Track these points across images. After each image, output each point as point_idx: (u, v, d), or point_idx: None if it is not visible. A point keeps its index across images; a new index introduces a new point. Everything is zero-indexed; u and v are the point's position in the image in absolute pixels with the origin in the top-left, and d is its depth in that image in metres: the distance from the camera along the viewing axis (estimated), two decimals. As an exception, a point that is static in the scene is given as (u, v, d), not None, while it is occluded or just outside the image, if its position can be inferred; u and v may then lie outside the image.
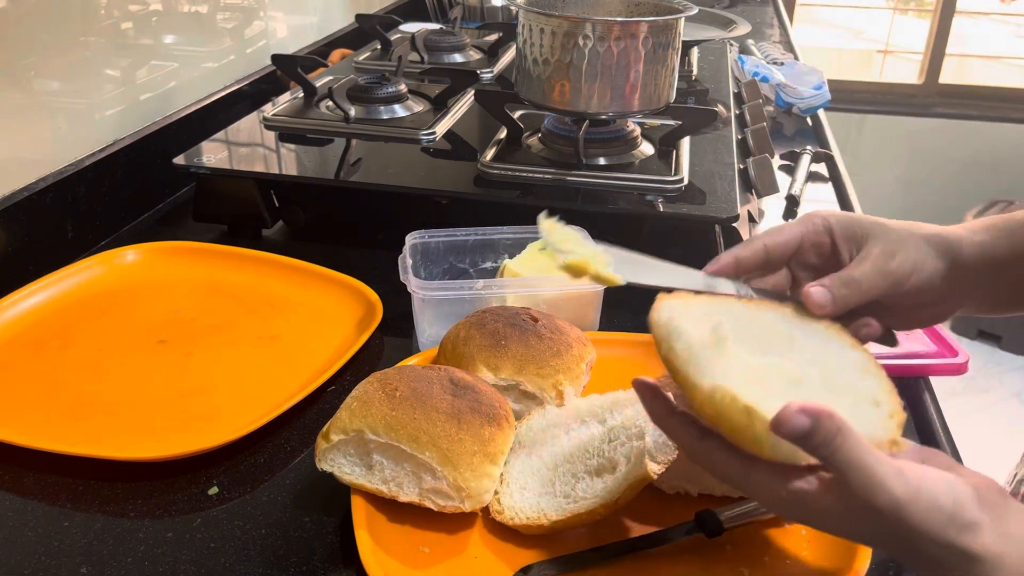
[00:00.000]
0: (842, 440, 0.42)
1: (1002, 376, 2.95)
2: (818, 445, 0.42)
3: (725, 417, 0.45)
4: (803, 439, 0.43)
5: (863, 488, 0.42)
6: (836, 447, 0.42)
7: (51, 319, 0.81)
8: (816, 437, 0.42)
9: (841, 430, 0.42)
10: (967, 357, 0.75)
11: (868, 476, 0.42)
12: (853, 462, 0.42)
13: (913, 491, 0.42)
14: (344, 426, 0.58)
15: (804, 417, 0.42)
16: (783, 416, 0.43)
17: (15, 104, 0.91)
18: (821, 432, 0.42)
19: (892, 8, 4.17)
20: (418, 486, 0.57)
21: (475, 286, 0.77)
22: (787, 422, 0.43)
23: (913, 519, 0.42)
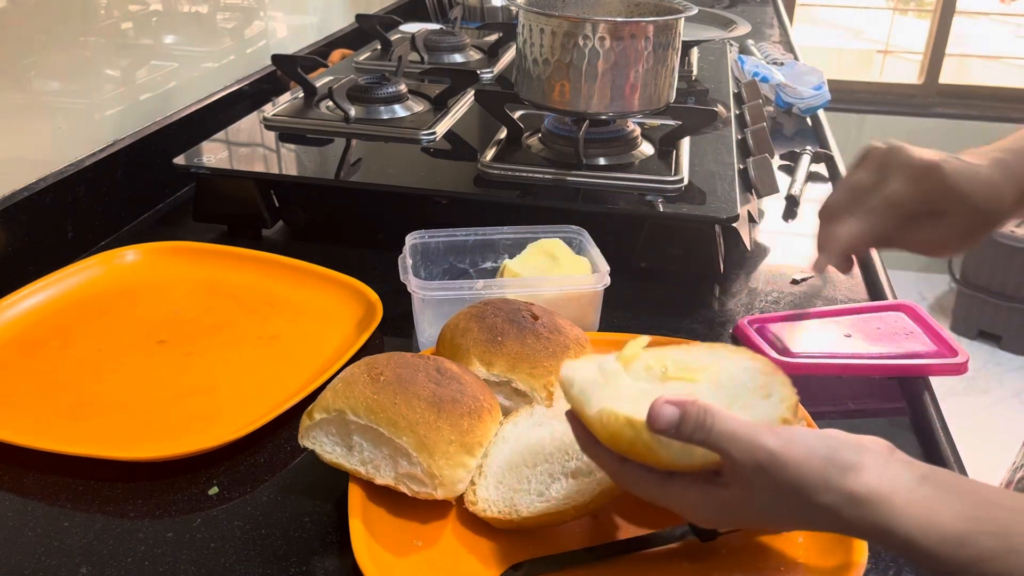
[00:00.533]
0: (712, 420, 0.46)
1: (1002, 376, 2.95)
2: (693, 431, 0.46)
3: (617, 436, 0.49)
4: (678, 429, 0.46)
5: (743, 454, 0.45)
6: (708, 428, 0.46)
7: (51, 319, 0.81)
8: (687, 424, 0.46)
9: (708, 411, 0.46)
10: (967, 357, 0.75)
11: (743, 441, 0.45)
12: (726, 434, 0.45)
13: (785, 440, 0.45)
14: (327, 405, 0.59)
15: (671, 407, 0.46)
16: (653, 412, 0.47)
17: (15, 104, 0.91)
18: (690, 418, 0.46)
19: (892, 8, 4.17)
20: (394, 470, 0.58)
21: (475, 286, 0.77)
22: (657, 416, 0.47)
23: (791, 467, 0.44)
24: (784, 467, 0.44)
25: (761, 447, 0.45)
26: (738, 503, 0.47)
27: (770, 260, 0.99)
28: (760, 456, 0.45)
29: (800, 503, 0.45)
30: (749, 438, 0.45)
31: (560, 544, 0.57)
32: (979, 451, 1.29)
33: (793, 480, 0.44)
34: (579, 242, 0.84)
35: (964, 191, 0.60)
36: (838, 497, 0.44)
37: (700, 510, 0.49)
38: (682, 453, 0.48)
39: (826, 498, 0.44)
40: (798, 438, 0.45)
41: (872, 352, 0.77)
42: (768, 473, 0.45)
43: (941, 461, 0.67)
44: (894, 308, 0.84)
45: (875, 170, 0.62)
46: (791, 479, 0.44)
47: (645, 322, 0.86)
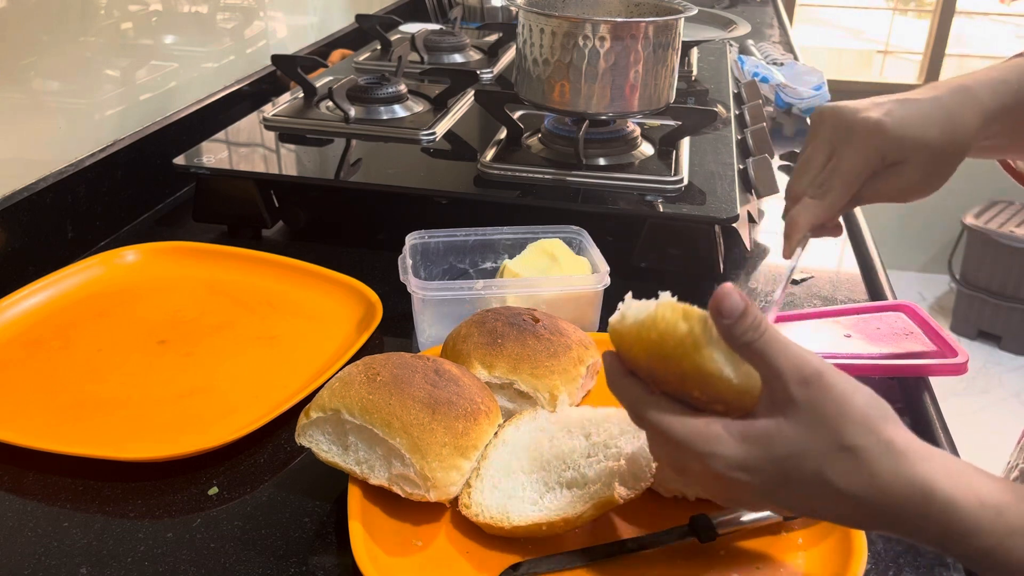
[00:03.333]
0: (765, 327, 0.44)
1: (1002, 376, 2.95)
2: (748, 328, 0.44)
3: (668, 332, 0.46)
4: (736, 322, 0.44)
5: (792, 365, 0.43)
6: (763, 331, 0.44)
7: (51, 319, 0.81)
8: (747, 319, 0.44)
9: (763, 320, 0.44)
10: (967, 357, 0.75)
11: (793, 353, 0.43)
12: (780, 343, 0.44)
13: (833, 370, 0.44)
14: (323, 404, 0.59)
15: (738, 297, 0.44)
16: (719, 295, 0.44)
17: (15, 104, 0.91)
18: (751, 314, 0.44)
19: (892, 8, 4.17)
20: (388, 471, 0.58)
21: (475, 286, 0.77)
22: (724, 298, 0.44)
23: (836, 390, 0.43)
24: (830, 388, 0.42)
25: (810, 363, 0.43)
26: (763, 439, 0.43)
27: (770, 260, 0.99)
28: (808, 371, 0.43)
29: (831, 439, 0.42)
30: (799, 353, 0.43)
31: (559, 544, 0.57)
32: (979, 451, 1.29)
33: (834, 406, 0.42)
34: (579, 242, 0.84)
35: (915, 138, 0.60)
36: (876, 441, 0.42)
37: (718, 448, 0.44)
38: (727, 361, 0.45)
39: (862, 439, 0.42)
40: (844, 376, 0.44)
41: (872, 352, 0.77)
42: (811, 389, 0.42)
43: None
44: (894, 308, 0.84)
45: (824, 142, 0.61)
46: (831, 404, 0.42)
47: (645, 322, 0.85)
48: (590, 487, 0.56)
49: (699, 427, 0.45)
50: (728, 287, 0.45)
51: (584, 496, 0.56)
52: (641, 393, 0.48)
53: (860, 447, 0.42)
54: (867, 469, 0.42)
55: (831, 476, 0.43)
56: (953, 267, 3.18)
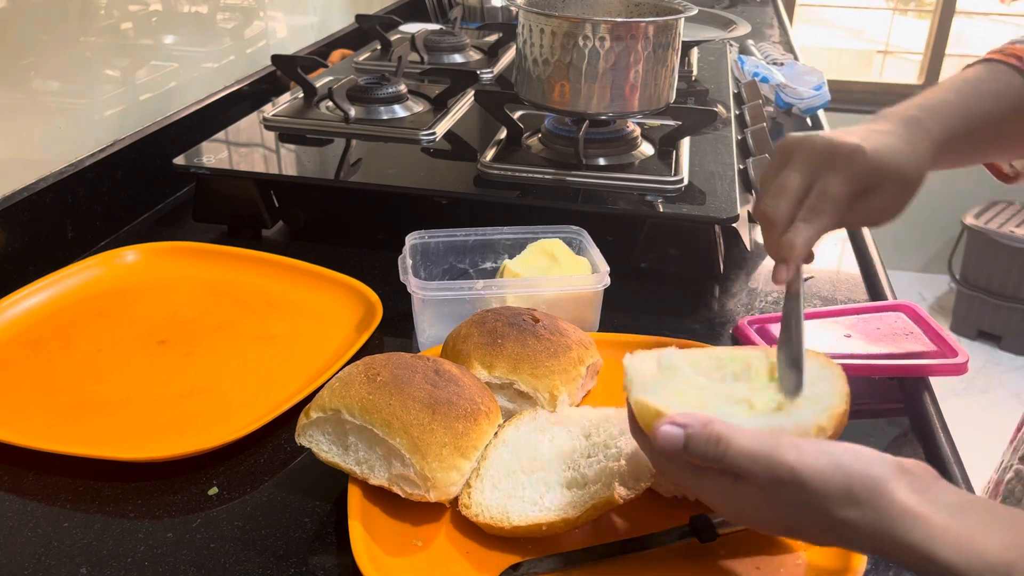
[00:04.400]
0: (726, 444, 0.45)
1: (1002, 376, 2.95)
2: (703, 454, 0.46)
3: (647, 426, 0.50)
4: (685, 450, 0.46)
5: (763, 470, 0.44)
6: (722, 451, 0.45)
7: (51, 319, 0.81)
8: (695, 447, 0.46)
9: (722, 436, 0.45)
10: (967, 357, 0.75)
11: (761, 458, 0.44)
12: (742, 453, 0.45)
13: (807, 455, 0.44)
14: (323, 404, 0.59)
15: (675, 430, 0.46)
16: (655, 432, 0.47)
17: (15, 104, 0.91)
18: (698, 442, 0.46)
19: (892, 8, 4.17)
20: (388, 471, 0.58)
21: (475, 286, 0.77)
22: (657, 436, 0.47)
23: (813, 482, 0.43)
24: (805, 483, 0.43)
25: (780, 463, 0.44)
26: (764, 506, 0.46)
27: (770, 260, 0.99)
28: (781, 472, 0.44)
29: (824, 517, 0.44)
30: (768, 455, 0.44)
31: (559, 544, 0.57)
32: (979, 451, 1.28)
33: (815, 494, 0.43)
34: (579, 242, 0.84)
35: (891, 165, 0.61)
36: (866, 512, 0.42)
37: (728, 504, 0.48)
38: None
39: (850, 513, 0.43)
40: (822, 451, 0.44)
41: (872, 352, 0.77)
42: (788, 488, 0.44)
43: (941, 461, 0.67)
44: (894, 308, 0.84)
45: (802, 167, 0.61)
46: (813, 493, 0.43)
47: (645, 322, 0.86)
48: (590, 487, 0.56)
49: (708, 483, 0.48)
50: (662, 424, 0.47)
51: (584, 496, 0.56)
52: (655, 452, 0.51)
53: (850, 519, 0.43)
54: (865, 536, 0.43)
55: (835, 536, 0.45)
56: (953, 267, 3.18)
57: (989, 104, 0.66)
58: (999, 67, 0.68)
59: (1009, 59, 0.68)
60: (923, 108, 0.65)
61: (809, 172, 0.61)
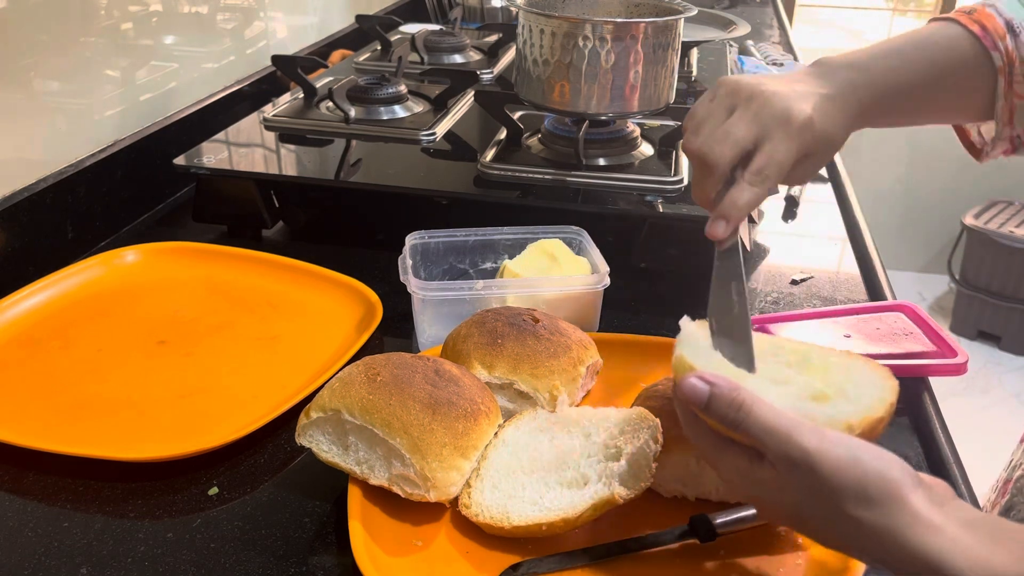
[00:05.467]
0: (747, 412, 0.45)
1: (1002, 376, 2.95)
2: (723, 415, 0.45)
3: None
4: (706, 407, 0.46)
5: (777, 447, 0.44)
6: (744, 416, 0.45)
7: (51, 319, 0.81)
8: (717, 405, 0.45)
9: (745, 403, 0.45)
10: (967, 357, 0.75)
11: (779, 434, 0.44)
12: (761, 424, 0.44)
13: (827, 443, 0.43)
14: (324, 404, 0.59)
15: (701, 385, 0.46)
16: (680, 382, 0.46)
17: (15, 104, 0.91)
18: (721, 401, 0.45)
19: (892, 9, 4.17)
20: (388, 471, 0.58)
21: (475, 286, 0.77)
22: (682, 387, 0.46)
23: (824, 469, 0.42)
24: (817, 470, 0.42)
25: (796, 444, 0.43)
26: (775, 488, 0.45)
27: (770, 260, 0.99)
28: (794, 453, 0.43)
29: (833, 510, 0.43)
30: (786, 433, 0.43)
31: (559, 544, 0.57)
32: (979, 451, 1.29)
33: (827, 484, 0.42)
34: (579, 242, 0.85)
35: (830, 136, 0.62)
36: (879, 515, 0.41)
37: (743, 481, 0.47)
38: None
39: (861, 512, 0.42)
40: (841, 443, 0.43)
41: (872, 352, 0.77)
42: (799, 471, 0.43)
43: (941, 461, 0.67)
44: (894, 308, 0.84)
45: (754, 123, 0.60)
46: (825, 482, 0.42)
47: (645, 322, 0.86)
48: (590, 487, 0.56)
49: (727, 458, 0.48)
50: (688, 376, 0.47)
51: (584, 496, 0.56)
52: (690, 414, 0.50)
53: (858, 520, 0.42)
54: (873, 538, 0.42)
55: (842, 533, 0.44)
56: (953, 267, 3.18)
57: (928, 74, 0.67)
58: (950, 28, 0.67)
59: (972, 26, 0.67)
60: (863, 70, 0.65)
61: (759, 128, 0.60)
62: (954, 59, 0.67)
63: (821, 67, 0.66)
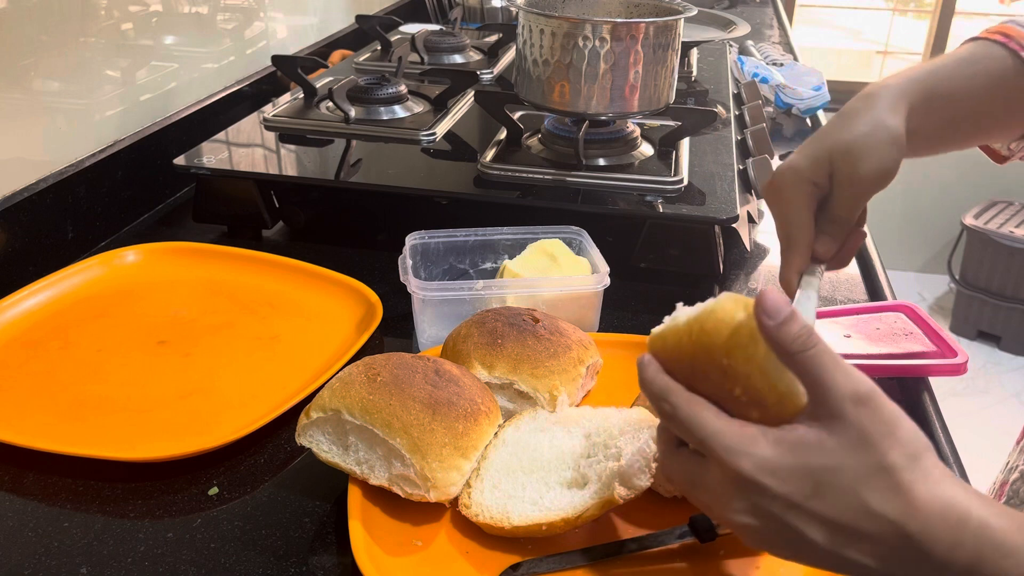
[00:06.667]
0: (817, 339, 0.43)
1: (1002, 376, 2.95)
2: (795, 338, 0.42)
3: (725, 322, 0.45)
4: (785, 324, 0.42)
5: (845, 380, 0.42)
6: (814, 343, 0.43)
7: (51, 320, 0.81)
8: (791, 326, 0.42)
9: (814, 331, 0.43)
10: (967, 357, 0.75)
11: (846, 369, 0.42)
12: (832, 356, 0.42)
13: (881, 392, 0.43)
14: (324, 404, 0.59)
15: (781, 298, 0.43)
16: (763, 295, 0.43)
17: (15, 104, 0.91)
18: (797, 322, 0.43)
19: (891, 9, 4.17)
20: (388, 471, 0.58)
21: (475, 286, 0.77)
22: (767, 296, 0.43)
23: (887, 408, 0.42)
24: (881, 408, 0.42)
25: (864, 382, 0.42)
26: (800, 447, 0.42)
27: (770, 260, 0.99)
28: (863, 390, 0.42)
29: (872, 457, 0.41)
30: (853, 370, 0.43)
31: (559, 544, 0.57)
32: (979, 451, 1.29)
33: (884, 427, 0.41)
34: (579, 243, 0.85)
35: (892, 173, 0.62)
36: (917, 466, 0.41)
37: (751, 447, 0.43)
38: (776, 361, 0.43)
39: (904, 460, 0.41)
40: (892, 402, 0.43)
41: (872, 352, 0.77)
42: (864, 407, 0.41)
43: (941, 461, 0.67)
44: (894, 308, 0.84)
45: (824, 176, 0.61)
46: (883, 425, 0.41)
47: (645, 322, 0.86)
48: (590, 487, 0.56)
49: (734, 425, 0.44)
50: (771, 288, 0.44)
51: (584, 496, 0.56)
52: (677, 386, 0.47)
53: (900, 467, 0.41)
54: (905, 488, 0.41)
55: (867, 494, 0.41)
56: (953, 267, 3.18)
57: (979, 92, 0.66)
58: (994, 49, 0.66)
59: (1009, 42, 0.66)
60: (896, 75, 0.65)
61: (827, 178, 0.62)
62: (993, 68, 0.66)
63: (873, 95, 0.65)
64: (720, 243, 0.92)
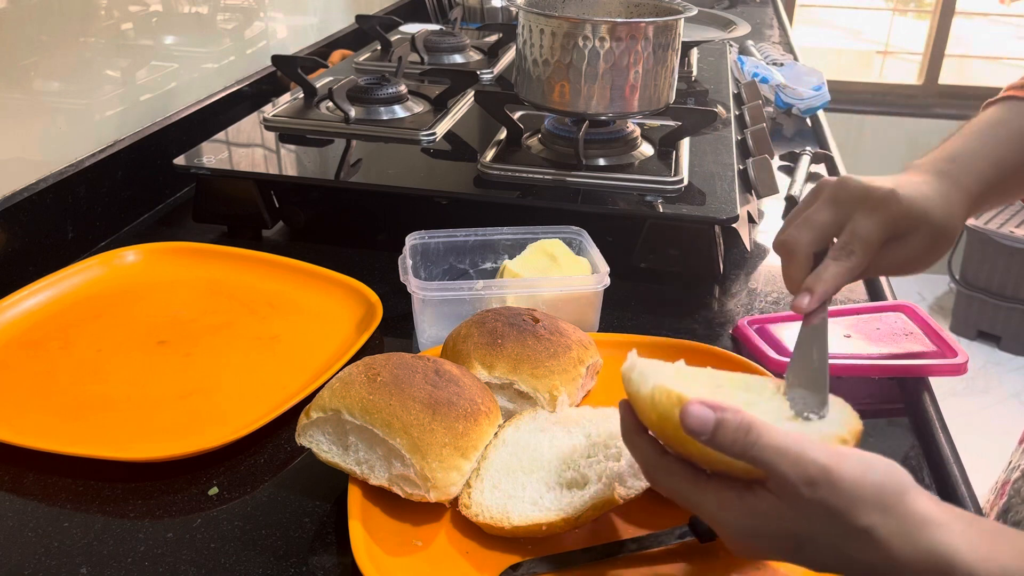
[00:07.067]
0: (756, 435, 0.43)
1: (1002, 376, 2.95)
2: (731, 443, 0.43)
3: (665, 417, 0.46)
4: (712, 436, 0.43)
5: (793, 467, 0.42)
6: (752, 441, 0.43)
7: (51, 320, 0.81)
8: (724, 433, 0.43)
9: (753, 425, 0.43)
10: (967, 357, 0.75)
11: (791, 455, 0.42)
12: (771, 448, 0.42)
13: (839, 456, 0.42)
14: (324, 404, 0.59)
15: (706, 410, 0.43)
16: (684, 411, 0.43)
17: (15, 104, 0.91)
18: (728, 428, 0.43)
19: (891, 9, 4.17)
20: (388, 471, 0.58)
21: (475, 286, 0.77)
22: (688, 416, 0.43)
23: (845, 483, 0.41)
24: (837, 483, 0.41)
25: (812, 461, 0.42)
26: (773, 516, 0.44)
27: (770, 261, 0.99)
28: (812, 471, 0.42)
29: (844, 525, 0.42)
30: (799, 452, 0.42)
31: (559, 544, 0.57)
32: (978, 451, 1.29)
33: (845, 497, 0.41)
34: (579, 243, 0.85)
35: (923, 211, 0.61)
36: (891, 518, 0.41)
37: (730, 516, 0.45)
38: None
39: (876, 518, 0.41)
40: (853, 455, 0.43)
41: (872, 352, 0.77)
42: (818, 489, 0.42)
43: (941, 461, 0.67)
44: (894, 308, 0.84)
45: (832, 206, 0.61)
46: (843, 496, 0.41)
47: (645, 322, 0.86)
48: (590, 487, 0.56)
49: (709, 494, 0.46)
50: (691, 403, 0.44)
51: (584, 496, 0.56)
52: (653, 455, 0.49)
53: (874, 526, 0.41)
54: (883, 546, 0.42)
55: (848, 551, 0.43)
56: (953, 267, 3.18)
57: (1017, 146, 0.66)
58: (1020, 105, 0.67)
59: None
60: (951, 160, 0.65)
61: (840, 211, 0.61)
62: None
63: (908, 166, 0.66)
64: (720, 243, 0.92)
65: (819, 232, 0.61)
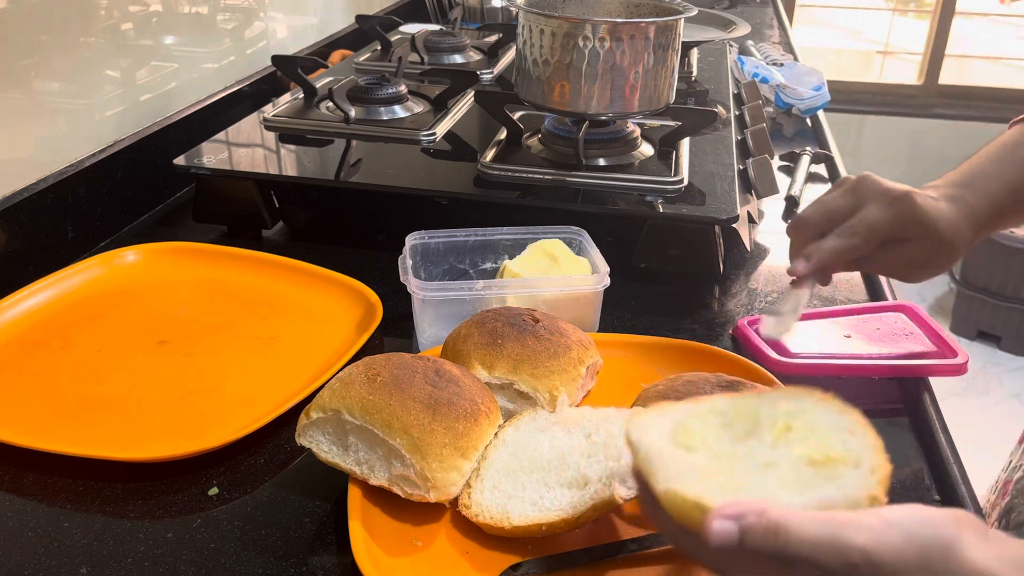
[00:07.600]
0: (786, 533, 0.40)
1: (1002, 376, 2.95)
2: (763, 547, 0.41)
3: (685, 517, 0.44)
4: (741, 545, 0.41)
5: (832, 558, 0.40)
6: (783, 543, 0.40)
7: (51, 320, 0.81)
8: (753, 539, 0.41)
9: (779, 525, 0.40)
10: (967, 358, 0.75)
11: (827, 545, 0.40)
12: (806, 543, 0.40)
13: (877, 533, 0.40)
14: (324, 404, 0.59)
15: (728, 524, 0.41)
16: (709, 530, 0.41)
17: (15, 104, 0.91)
18: (756, 534, 0.41)
19: (891, 9, 4.17)
20: (388, 471, 0.58)
21: (475, 286, 0.77)
22: (715, 534, 0.41)
23: (887, 562, 0.40)
24: (880, 563, 0.40)
25: (851, 547, 0.40)
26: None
27: (770, 261, 0.99)
28: (852, 557, 0.40)
29: None
30: (834, 539, 0.40)
31: (559, 544, 0.57)
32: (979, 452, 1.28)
33: (890, 571, 0.40)
34: (579, 243, 0.85)
35: (932, 219, 0.64)
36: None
37: None
38: None
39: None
40: (891, 527, 0.41)
41: (872, 353, 0.77)
42: (861, 571, 0.40)
43: (941, 461, 0.67)
44: (894, 308, 0.84)
45: (849, 195, 0.66)
46: (888, 570, 0.40)
47: (645, 322, 0.86)
48: (590, 487, 0.56)
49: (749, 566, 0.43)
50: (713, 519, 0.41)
51: (584, 496, 0.56)
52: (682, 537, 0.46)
53: None
54: None
55: None
56: (953, 267, 3.18)
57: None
58: None
59: None
60: (964, 185, 0.68)
61: (856, 199, 0.66)
62: None
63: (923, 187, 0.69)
64: (720, 243, 0.92)
65: (831, 214, 0.65)
